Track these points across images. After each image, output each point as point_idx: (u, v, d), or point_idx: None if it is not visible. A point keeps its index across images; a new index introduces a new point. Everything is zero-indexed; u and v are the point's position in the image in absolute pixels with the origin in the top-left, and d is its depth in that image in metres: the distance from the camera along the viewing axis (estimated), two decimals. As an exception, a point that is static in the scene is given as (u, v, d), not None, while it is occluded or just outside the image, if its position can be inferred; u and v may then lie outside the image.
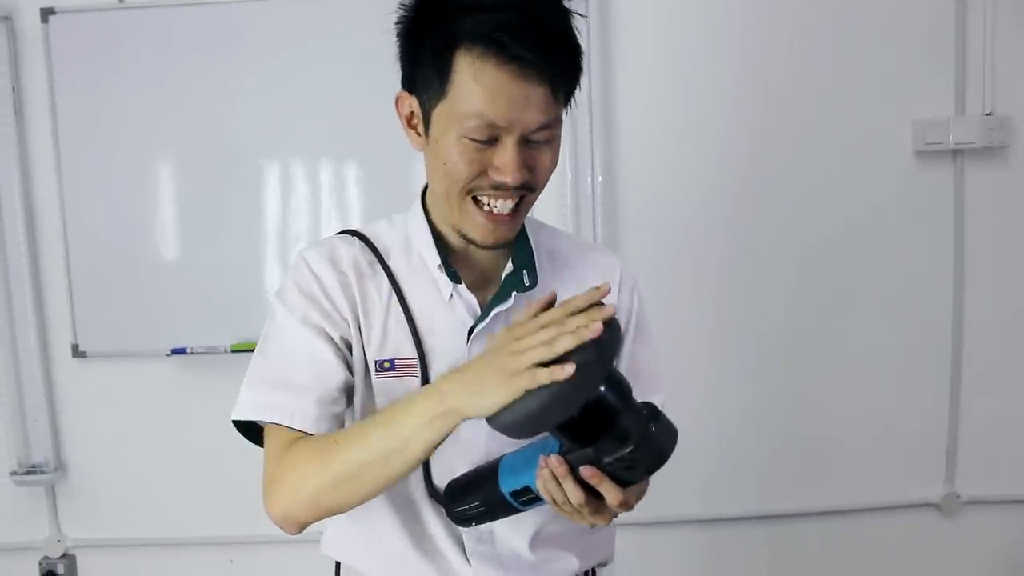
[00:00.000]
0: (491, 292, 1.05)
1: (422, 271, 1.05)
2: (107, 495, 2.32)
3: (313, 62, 2.12)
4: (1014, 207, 2.24)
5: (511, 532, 1.06)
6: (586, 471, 0.84)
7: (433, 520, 1.05)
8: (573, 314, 0.83)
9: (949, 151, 2.20)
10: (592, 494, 0.85)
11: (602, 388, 0.81)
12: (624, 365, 1.12)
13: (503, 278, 1.05)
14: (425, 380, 1.01)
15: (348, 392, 1.02)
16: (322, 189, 2.19)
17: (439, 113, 0.95)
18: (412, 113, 1.00)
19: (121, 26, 2.14)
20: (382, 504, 1.04)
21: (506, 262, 1.06)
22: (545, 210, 2.11)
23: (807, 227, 2.23)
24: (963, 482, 2.31)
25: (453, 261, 1.05)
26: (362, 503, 0.94)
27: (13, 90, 2.17)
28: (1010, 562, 2.34)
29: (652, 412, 0.85)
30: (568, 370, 0.77)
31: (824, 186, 2.22)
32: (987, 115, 2.17)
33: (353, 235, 1.08)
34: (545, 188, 1.02)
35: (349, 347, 1.02)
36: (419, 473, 1.03)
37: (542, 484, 0.87)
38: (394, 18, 0.99)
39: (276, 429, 0.97)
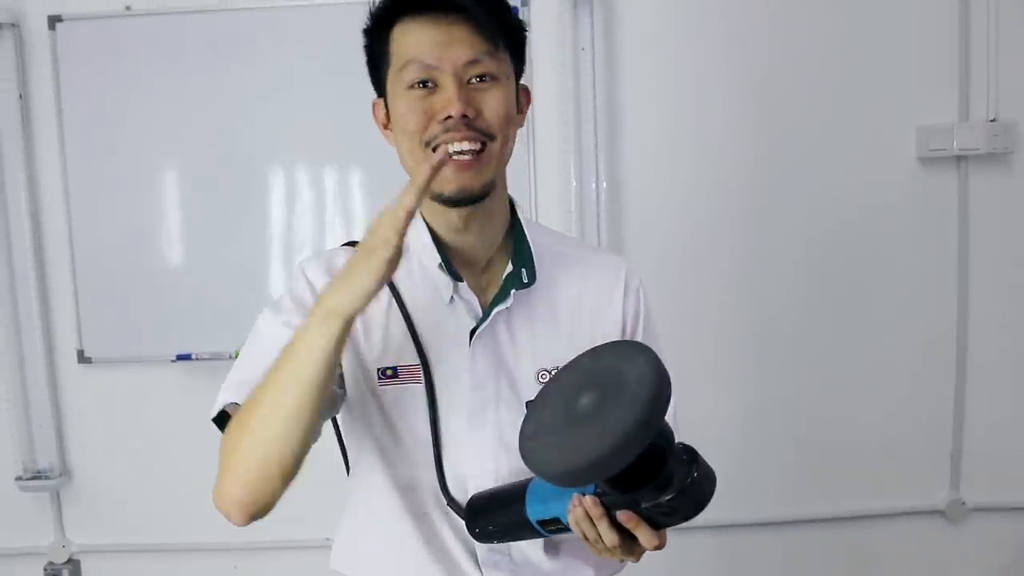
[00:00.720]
0: (491, 294, 1.06)
1: (421, 277, 1.06)
2: (112, 501, 2.32)
3: (317, 70, 2.13)
4: (1018, 213, 2.23)
5: (526, 541, 1.06)
6: (623, 516, 0.83)
7: (444, 527, 1.04)
8: None
9: (953, 157, 2.20)
10: (625, 534, 0.85)
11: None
12: None
13: (503, 279, 1.05)
14: (429, 385, 1.01)
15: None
16: (327, 195, 2.19)
17: (390, 84, 1.02)
18: (385, 115, 1.05)
19: (128, 33, 2.15)
20: (392, 512, 1.04)
21: (506, 264, 1.07)
22: (550, 217, 2.12)
23: (812, 233, 2.23)
24: (968, 489, 2.30)
25: (453, 263, 1.05)
26: (292, 456, 0.88)
27: (20, 97, 2.18)
28: (1016, 569, 2.33)
29: (691, 456, 0.84)
30: None
31: (829, 192, 2.22)
32: (991, 121, 2.18)
33: (352, 246, 1.09)
34: (550, 197, 1.03)
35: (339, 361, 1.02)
36: (432, 482, 1.02)
37: (574, 520, 0.87)
38: None
39: (232, 411, 0.95)
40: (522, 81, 1.07)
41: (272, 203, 2.19)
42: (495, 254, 1.08)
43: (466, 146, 0.97)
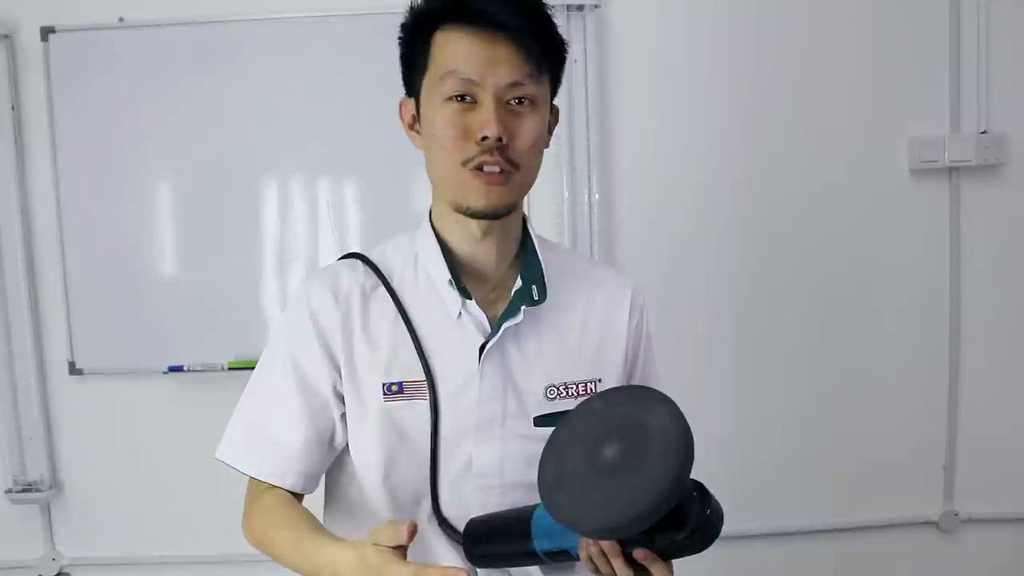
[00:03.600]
0: (499, 309, 1.05)
1: (429, 291, 1.05)
2: (102, 513, 2.30)
3: (311, 81, 2.13)
4: (1009, 224, 2.25)
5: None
6: (640, 554, 0.84)
7: (440, 546, 1.03)
8: None
9: (945, 169, 2.21)
10: (638, 568, 0.86)
11: None
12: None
13: (512, 294, 1.05)
14: (434, 402, 1.01)
15: (325, 439, 1.04)
16: (320, 207, 2.19)
17: (425, 89, 1.01)
18: (413, 116, 1.05)
19: (121, 45, 2.15)
20: None
21: (515, 279, 1.06)
22: (542, 229, 2.08)
23: (804, 245, 2.24)
24: (961, 500, 2.30)
25: (462, 278, 1.05)
26: None
27: (13, 108, 2.18)
28: (1009, 580, 2.34)
29: (703, 494, 0.86)
30: None
31: (821, 204, 2.23)
32: (982, 133, 2.19)
33: (357, 258, 1.09)
34: (542, 210, 1.03)
35: (337, 388, 1.03)
36: (426, 501, 1.02)
37: (586, 556, 0.88)
38: (390, 39, 1.05)
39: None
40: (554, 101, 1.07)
41: (265, 214, 2.19)
42: (505, 269, 1.08)
43: (497, 168, 0.98)
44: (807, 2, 2.19)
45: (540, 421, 1.03)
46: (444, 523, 1.02)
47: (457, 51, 0.97)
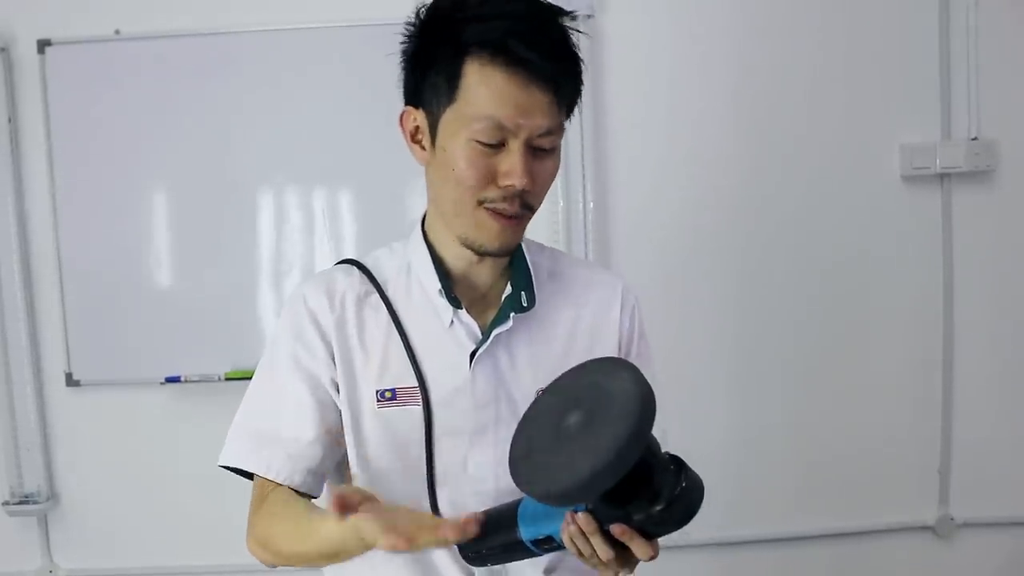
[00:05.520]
0: (491, 315, 1.06)
1: (421, 298, 1.06)
2: (100, 525, 2.30)
3: (307, 92, 2.14)
4: (1000, 229, 2.26)
5: (525, 562, 1.05)
6: (616, 529, 0.83)
7: (438, 550, 1.04)
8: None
9: (936, 175, 2.23)
10: (619, 547, 0.86)
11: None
12: None
13: (502, 300, 1.06)
14: (427, 408, 1.02)
15: (333, 434, 1.04)
16: (316, 217, 2.20)
17: (448, 118, 0.97)
18: (417, 128, 1.02)
19: (117, 57, 2.16)
20: None
21: (504, 285, 1.07)
22: (537, 237, 2.11)
23: (797, 251, 2.25)
24: (957, 505, 2.31)
25: (453, 286, 1.05)
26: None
27: (9, 120, 2.19)
28: (1005, 584, 2.34)
29: (678, 466, 0.85)
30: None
31: (814, 211, 2.24)
32: (972, 140, 2.21)
33: (352, 264, 1.10)
34: (537, 216, 1.04)
35: (338, 386, 1.04)
36: (425, 505, 1.03)
37: (568, 538, 0.87)
38: (387, 48, 1.03)
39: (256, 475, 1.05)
40: None
41: (261, 225, 2.20)
42: (496, 277, 1.09)
43: (514, 212, 0.98)
44: (799, 11, 2.21)
45: None
46: None
47: (494, 94, 0.93)
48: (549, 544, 0.91)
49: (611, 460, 0.76)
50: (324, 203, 2.20)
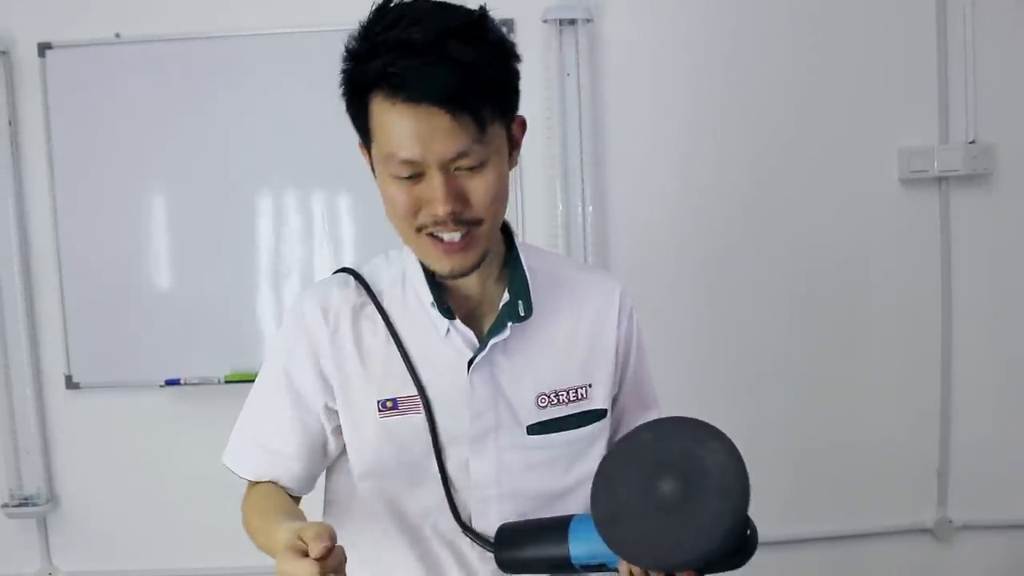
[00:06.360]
0: (488, 321, 1.05)
1: (418, 307, 1.05)
2: (99, 527, 2.30)
3: (305, 95, 2.14)
4: (998, 232, 2.27)
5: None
6: (685, 573, 0.86)
7: (444, 555, 1.05)
8: None
9: (934, 178, 2.23)
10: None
11: None
12: (627, 388, 1.14)
13: (500, 308, 1.05)
14: (429, 417, 1.02)
15: (316, 447, 1.06)
16: (315, 220, 2.20)
17: (375, 158, 0.97)
18: (370, 158, 1.01)
19: (117, 60, 2.17)
20: (393, 540, 1.05)
21: (501, 290, 1.07)
22: (536, 241, 2.13)
23: (796, 255, 2.25)
24: (955, 507, 2.31)
25: (447, 295, 1.05)
26: None
27: (10, 123, 2.20)
28: (1004, 587, 2.34)
29: (752, 527, 0.90)
30: None
31: (813, 214, 2.24)
32: (970, 143, 2.21)
33: (349, 274, 1.09)
34: (536, 221, 1.03)
35: (327, 403, 1.05)
36: (433, 510, 1.03)
37: (626, 570, 0.89)
38: None
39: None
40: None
41: (260, 227, 2.20)
42: (491, 284, 1.08)
43: (456, 237, 0.96)
44: (798, 15, 2.22)
45: (533, 430, 1.04)
46: (468, 530, 1.03)
47: (393, 130, 0.91)
48: (601, 569, 0.93)
49: (719, 544, 0.81)
50: (323, 206, 2.20)
